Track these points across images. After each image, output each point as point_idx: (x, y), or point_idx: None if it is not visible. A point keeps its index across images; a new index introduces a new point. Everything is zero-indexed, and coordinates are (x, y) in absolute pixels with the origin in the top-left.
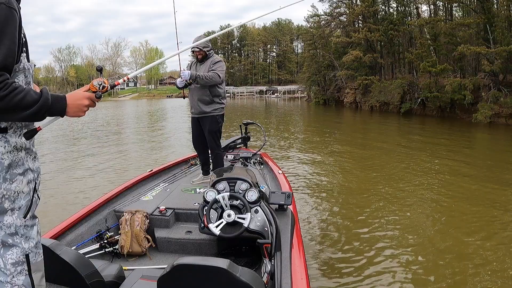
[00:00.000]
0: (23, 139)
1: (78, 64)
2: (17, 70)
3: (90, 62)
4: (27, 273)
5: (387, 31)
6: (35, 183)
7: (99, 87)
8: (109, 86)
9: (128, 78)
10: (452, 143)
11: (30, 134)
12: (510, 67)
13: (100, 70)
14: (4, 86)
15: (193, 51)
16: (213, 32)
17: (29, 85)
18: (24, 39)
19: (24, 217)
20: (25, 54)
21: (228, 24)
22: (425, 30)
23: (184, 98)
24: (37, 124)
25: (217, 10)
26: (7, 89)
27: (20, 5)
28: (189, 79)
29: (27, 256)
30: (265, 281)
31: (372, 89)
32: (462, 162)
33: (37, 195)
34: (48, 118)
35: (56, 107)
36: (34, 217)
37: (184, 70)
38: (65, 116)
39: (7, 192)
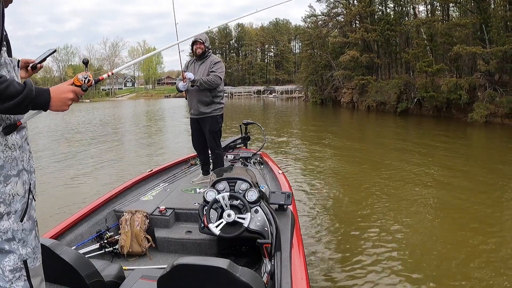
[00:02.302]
0: (13, 136)
1: (76, 64)
2: None
3: (88, 62)
4: (26, 278)
5: (384, 31)
6: (30, 183)
7: (84, 81)
8: (93, 81)
9: (112, 73)
10: (448, 142)
11: (10, 129)
12: (506, 67)
13: (86, 63)
14: None
15: (193, 45)
16: (212, 33)
17: None
18: (5, 33)
19: (21, 221)
20: (5, 49)
21: (226, 24)
22: (422, 30)
23: (186, 99)
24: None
25: (216, 10)
26: None
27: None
28: (191, 83)
29: (24, 262)
30: (265, 281)
31: (369, 89)
32: (459, 161)
33: (33, 196)
34: (29, 112)
35: (40, 100)
36: (32, 220)
37: (186, 72)
38: (48, 110)
39: (1, 196)
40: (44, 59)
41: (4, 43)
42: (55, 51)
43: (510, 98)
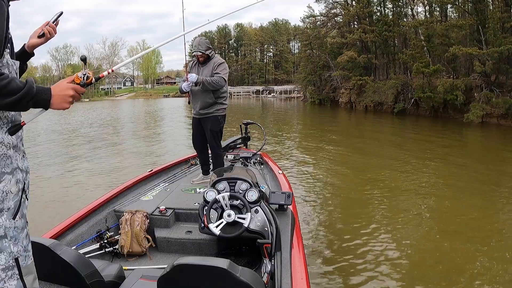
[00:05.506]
0: (9, 135)
1: (75, 63)
2: (0, 65)
3: (87, 61)
4: (19, 277)
5: (382, 32)
6: (24, 183)
7: (84, 78)
8: (93, 78)
9: (112, 70)
10: (445, 142)
11: (15, 129)
12: (502, 68)
13: (84, 60)
14: None
15: (194, 55)
16: (211, 32)
17: None
18: (9, 36)
19: (13, 218)
20: (9, 50)
21: (225, 24)
22: (419, 31)
23: (189, 103)
24: (21, 119)
25: (216, 10)
26: None
27: (10, 3)
28: (195, 84)
29: (16, 260)
30: (265, 281)
31: (366, 89)
32: (455, 160)
33: (26, 196)
34: (32, 112)
35: (41, 98)
36: (24, 219)
37: (189, 73)
38: (49, 109)
39: None
40: (55, 20)
41: (9, 45)
42: (62, 13)
43: (506, 99)
